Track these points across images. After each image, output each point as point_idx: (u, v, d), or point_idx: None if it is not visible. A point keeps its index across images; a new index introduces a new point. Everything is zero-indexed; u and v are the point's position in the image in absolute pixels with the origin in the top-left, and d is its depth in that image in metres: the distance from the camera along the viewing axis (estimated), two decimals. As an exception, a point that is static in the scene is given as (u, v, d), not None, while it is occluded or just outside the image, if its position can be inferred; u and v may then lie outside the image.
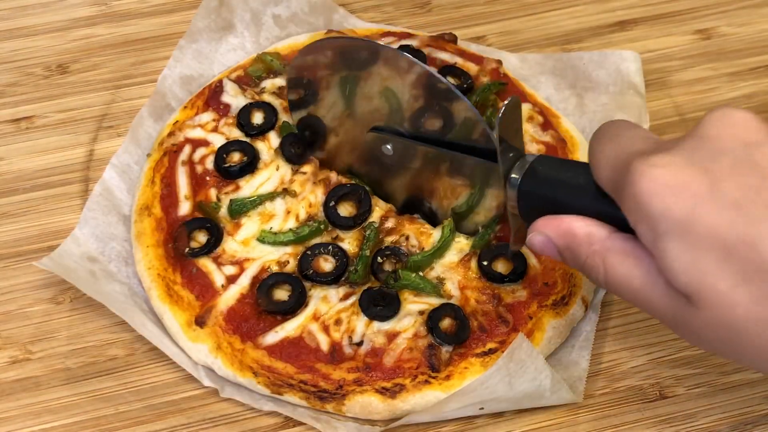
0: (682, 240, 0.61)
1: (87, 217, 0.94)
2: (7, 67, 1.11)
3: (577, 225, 0.70)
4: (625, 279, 0.67)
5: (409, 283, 0.87)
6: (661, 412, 0.84)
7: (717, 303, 0.61)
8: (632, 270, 0.67)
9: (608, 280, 0.69)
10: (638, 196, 0.63)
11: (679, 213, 0.61)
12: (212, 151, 0.96)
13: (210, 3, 1.10)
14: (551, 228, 0.72)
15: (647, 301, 0.66)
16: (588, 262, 0.70)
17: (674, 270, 0.62)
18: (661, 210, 0.61)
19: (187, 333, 0.86)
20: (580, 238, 0.70)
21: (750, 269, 0.59)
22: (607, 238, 0.68)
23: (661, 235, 0.62)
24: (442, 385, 0.82)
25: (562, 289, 0.89)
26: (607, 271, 0.68)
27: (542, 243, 0.73)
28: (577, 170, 0.74)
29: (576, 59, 1.08)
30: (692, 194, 0.61)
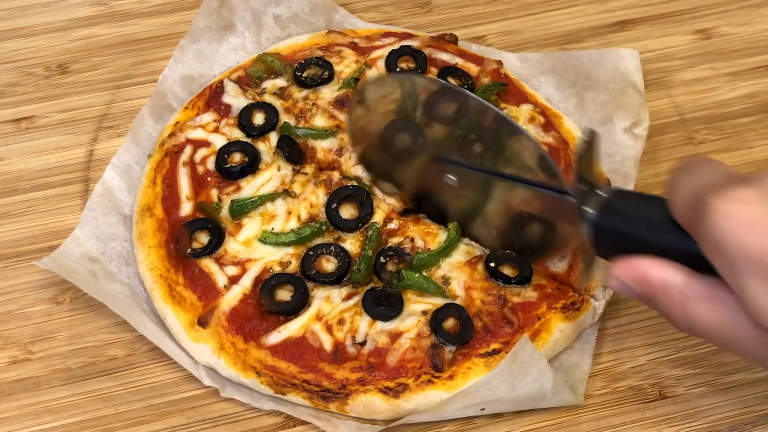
0: (762, 277, 0.60)
1: (87, 217, 0.94)
2: (7, 67, 1.11)
3: (652, 272, 0.68)
4: (712, 325, 0.66)
5: (412, 283, 0.87)
6: (661, 412, 0.84)
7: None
8: (717, 314, 0.65)
9: (693, 327, 0.67)
10: (715, 234, 0.62)
11: (757, 250, 0.60)
12: (213, 152, 0.96)
13: (211, 3, 1.10)
14: (627, 274, 0.70)
15: (737, 344, 0.65)
16: (670, 311, 0.68)
17: (758, 308, 0.61)
18: (738, 247, 0.61)
19: (190, 333, 0.86)
20: (656, 287, 0.68)
21: None
22: (686, 286, 0.67)
23: (741, 273, 0.61)
24: (445, 385, 0.82)
25: (574, 294, 0.89)
26: (691, 319, 0.67)
27: (622, 288, 0.71)
28: (654, 205, 0.72)
29: (576, 58, 1.08)
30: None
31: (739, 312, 0.64)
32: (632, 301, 0.91)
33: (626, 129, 1.03)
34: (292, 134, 0.97)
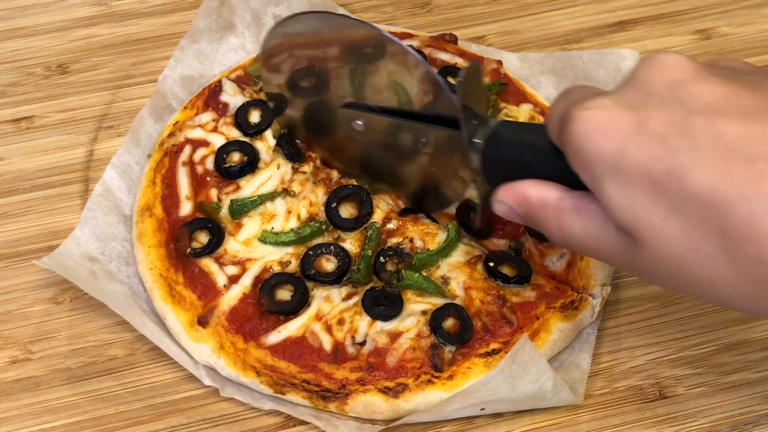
0: (616, 179, 0.62)
1: (87, 217, 0.94)
2: (7, 67, 1.11)
3: (530, 191, 0.71)
4: (580, 234, 0.68)
5: (412, 283, 0.87)
6: (661, 412, 0.84)
7: (655, 238, 0.62)
8: (585, 223, 0.68)
9: (567, 239, 0.70)
10: (574, 140, 0.64)
11: (609, 152, 0.62)
12: (212, 152, 0.96)
13: (211, 3, 1.10)
14: (509, 196, 0.73)
15: (603, 249, 0.67)
16: (546, 226, 0.71)
17: (614, 210, 0.64)
18: (593, 151, 0.63)
19: (190, 333, 0.86)
20: (534, 203, 0.71)
21: (678, 200, 0.60)
22: (559, 200, 0.69)
23: (598, 177, 0.63)
24: (445, 385, 0.82)
25: (572, 293, 0.89)
26: (563, 230, 0.69)
27: (505, 212, 0.74)
28: (536, 131, 0.74)
29: (576, 58, 1.08)
30: (621, 133, 0.62)
31: (603, 219, 0.66)
32: (632, 301, 0.92)
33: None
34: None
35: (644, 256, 0.64)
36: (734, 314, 0.90)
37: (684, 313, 0.91)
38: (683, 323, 0.90)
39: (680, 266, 0.62)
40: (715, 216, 0.59)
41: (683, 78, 0.63)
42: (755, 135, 0.59)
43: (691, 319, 0.90)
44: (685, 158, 0.59)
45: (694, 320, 0.90)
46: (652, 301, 0.92)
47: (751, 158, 0.58)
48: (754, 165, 0.58)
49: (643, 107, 0.62)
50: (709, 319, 0.90)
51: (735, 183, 0.58)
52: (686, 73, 0.63)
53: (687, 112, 0.61)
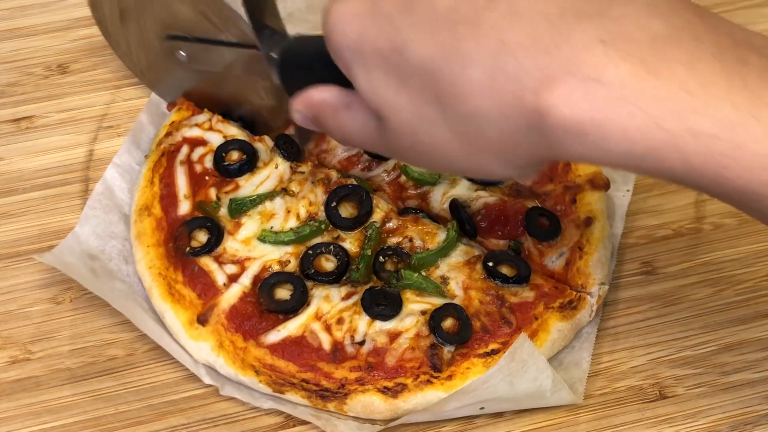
0: (360, 63, 0.65)
1: (88, 215, 0.94)
2: (7, 67, 1.11)
3: (314, 95, 0.73)
4: (351, 126, 0.71)
5: (411, 282, 0.87)
6: (661, 412, 0.84)
7: (392, 112, 0.65)
8: (352, 116, 0.70)
9: (343, 135, 0.72)
10: (327, 36, 0.67)
11: (352, 39, 0.65)
12: (210, 150, 0.96)
13: None
14: (299, 103, 0.75)
15: (366, 137, 0.70)
16: (328, 125, 0.73)
17: (363, 93, 0.66)
18: (341, 40, 0.66)
19: (189, 331, 0.86)
20: (318, 105, 0.73)
21: (403, 73, 0.63)
22: (335, 98, 0.71)
23: (349, 65, 0.66)
24: (444, 385, 0.82)
25: (571, 293, 0.89)
26: (340, 126, 0.72)
27: (301, 119, 0.76)
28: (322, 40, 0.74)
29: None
30: (360, 19, 0.64)
31: (363, 108, 0.69)
32: (632, 301, 0.92)
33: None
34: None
35: (388, 133, 0.67)
36: (734, 314, 0.90)
37: (684, 313, 0.91)
38: (683, 323, 0.90)
39: (414, 136, 0.65)
40: (430, 82, 0.62)
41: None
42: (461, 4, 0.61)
43: (691, 319, 0.90)
44: (405, 33, 0.62)
45: (694, 320, 0.90)
46: (652, 301, 0.92)
47: (454, 23, 0.61)
48: (456, 29, 0.60)
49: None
50: (709, 319, 0.90)
51: (442, 49, 0.61)
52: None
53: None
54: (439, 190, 0.96)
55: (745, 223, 0.97)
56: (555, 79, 0.57)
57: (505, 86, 0.59)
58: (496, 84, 0.59)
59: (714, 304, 0.91)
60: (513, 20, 0.59)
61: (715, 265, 0.94)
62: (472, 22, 0.60)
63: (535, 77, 0.58)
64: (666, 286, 0.92)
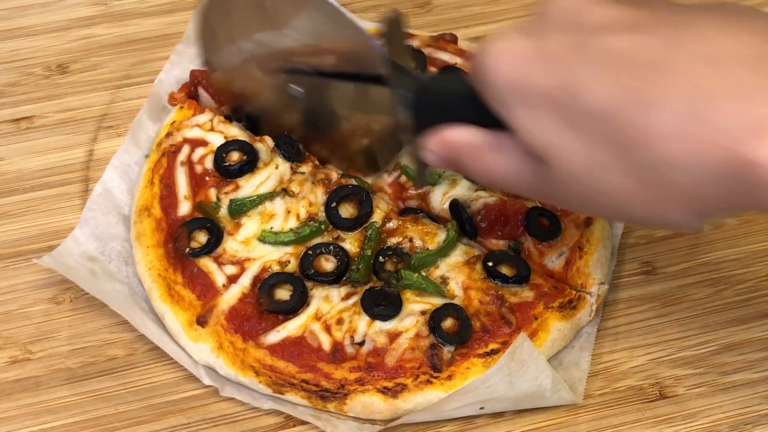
0: (522, 104, 0.64)
1: (87, 217, 0.94)
2: (7, 67, 1.11)
3: (452, 135, 0.72)
4: (501, 170, 0.69)
5: (411, 283, 0.87)
6: (661, 412, 0.84)
7: (560, 156, 0.63)
8: (504, 158, 0.69)
9: (490, 178, 0.71)
10: (485, 76, 0.65)
11: (515, 79, 0.64)
12: (211, 151, 0.96)
13: None
14: (434, 143, 0.73)
15: (521, 181, 0.69)
16: (471, 167, 0.72)
17: (523, 135, 0.65)
18: (500, 80, 0.64)
19: (189, 332, 0.86)
20: (458, 147, 0.72)
21: (576, 116, 0.61)
22: (479, 139, 0.70)
23: (508, 105, 0.65)
24: (444, 385, 0.82)
25: (570, 292, 0.89)
26: (486, 169, 0.70)
27: (435, 160, 0.74)
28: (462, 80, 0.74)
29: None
30: (524, 59, 0.63)
31: (518, 151, 0.67)
32: (632, 301, 0.92)
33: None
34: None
35: (553, 177, 0.65)
36: (734, 314, 0.90)
37: (684, 313, 0.91)
38: (683, 323, 0.90)
39: (585, 182, 0.64)
40: (610, 127, 0.60)
41: (579, 5, 0.65)
42: (640, 45, 0.60)
43: (691, 319, 0.90)
44: (579, 74, 0.61)
45: (694, 320, 0.90)
46: (652, 301, 0.92)
47: (636, 67, 0.59)
48: (640, 73, 0.59)
49: (543, 33, 0.64)
50: (709, 319, 0.90)
51: (624, 92, 0.59)
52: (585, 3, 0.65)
53: (581, 33, 0.63)
54: (440, 190, 0.96)
55: (745, 223, 0.97)
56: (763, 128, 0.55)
57: (702, 134, 0.57)
58: (690, 131, 0.57)
59: (714, 304, 0.91)
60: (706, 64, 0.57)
61: (715, 265, 0.94)
62: (658, 65, 0.58)
63: (739, 125, 0.56)
64: (666, 286, 0.92)
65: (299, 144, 0.96)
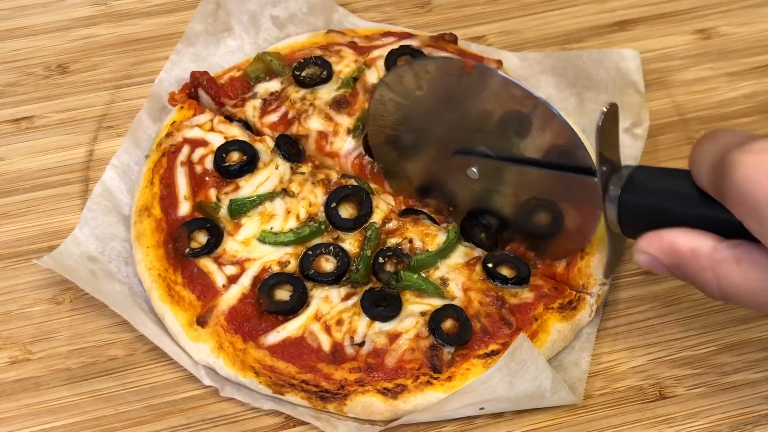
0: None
1: (87, 217, 0.94)
2: (7, 67, 1.12)
3: (680, 241, 0.68)
4: (742, 285, 0.65)
5: (411, 283, 0.87)
6: (661, 412, 0.84)
7: None
8: (748, 274, 0.65)
9: (725, 291, 0.67)
10: (739, 187, 0.61)
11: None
12: (211, 151, 0.96)
13: (206, 6, 1.10)
14: (654, 247, 0.70)
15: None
16: (699, 278, 0.68)
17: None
18: (763, 196, 0.60)
19: (189, 333, 0.87)
20: (685, 255, 0.68)
21: None
22: (715, 250, 0.67)
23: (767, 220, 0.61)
24: (444, 386, 0.82)
25: (570, 293, 0.89)
26: (721, 283, 0.66)
27: (649, 263, 0.71)
28: (678, 177, 0.71)
29: (576, 58, 1.08)
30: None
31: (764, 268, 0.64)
32: (632, 301, 0.92)
33: (626, 129, 1.03)
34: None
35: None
36: (734, 314, 0.90)
37: (684, 313, 0.91)
38: (683, 323, 0.90)
39: None
40: None
41: None
42: None
43: (691, 319, 0.90)
44: None
45: (694, 320, 0.90)
46: (652, 301, 0.92)
47: None
48: None
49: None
50: (709, 319, 0.90)
51: None
52: None
53: None
54: None
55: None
56: None
57: None
58: None
59: (714, 304, 0.91)
60: None
61: (715, 266, 0.94)
62: None
63: None
64: (666, 286, 0.92)
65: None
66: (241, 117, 1.01)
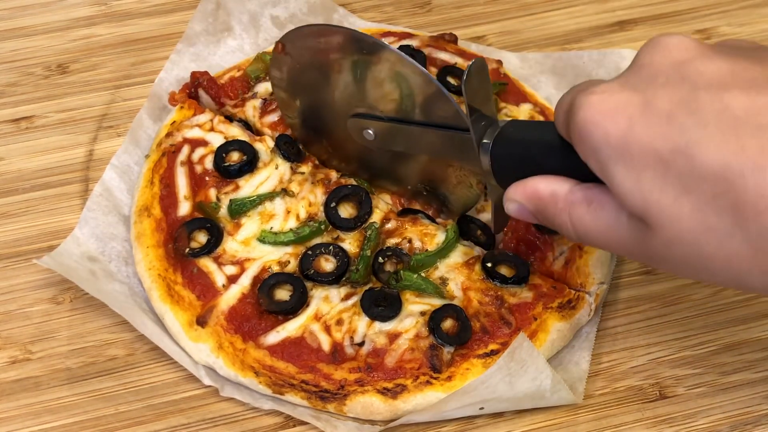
0: (623, 162, 0.61)
1: (87, 217, 0.94)
2: (7, 67, 1.11)
3: (540, 186, 0.70)
4: (592, 225, 0.67)
5: (410, 283, 0.87)
6: (661, 412, 0.84)
7: (665, 219, 0.61)
8: (596, 214, 0.67)
9: (578, 232, 0.69)
10: (579, 127, 0.63)
11: (616, 135, 0.61)
12: (211, 151, 0.96)
13: (207, 6, 1.10)
14: (519, 193, 0.72)
15: (615, 239, 0.66)
16: (557, 220, 0.70)
17: (623, 195, 0.62)
18: (600, 135, 0.62)
19: (189, 333, 0.86)
20: (545, 198, 0.70)
21: (687, 178, 0.59)
22: (569, 192, 0.69)
23: (606, 162, 0.62)
24: (443, 386, 0.82)
25: (569, 292, 0.89)
26: (574, 223, 0.69)
27: (517, 210, 0.73)
28: (545, 128, 0.73)
29: (576, 58, 1.08)
30: (627, 115, 0.61)
31: (613, 208, 0.65)
32: (632, 301, 0.92)
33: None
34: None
35: (656, 240, 0.63)
36: (734, 314, 0.90)
37: (684, 313, 0.91)
38: (683, 323, 0.90)
39: (694, 247, 0.61)
40: (726, 191, 0.58)
41: (687, 57, 0.63)
42: (763, 106, 0.58)
43: (691, 319, 0.90)
44: (693, 134, 0.59)
45: (694, 320, 0.90)
46: (652, 301, 0.92)
47: (760, 129, 0.57)
48: (764, 135, 0.57)
49: (648, 88, 0.62)
50: (709, 319, 0.90)
51: (745, 155, 0.57)
52: (689, 52, 0.63)
53: (693, 89, 0.60)
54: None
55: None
56: None
57: None
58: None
59: (714, 304, 0.91)
60: None
61: (715, 265, 0.94)
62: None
63: None
64: (666, 286, 0.93)
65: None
66: (241, 117, 1.01)
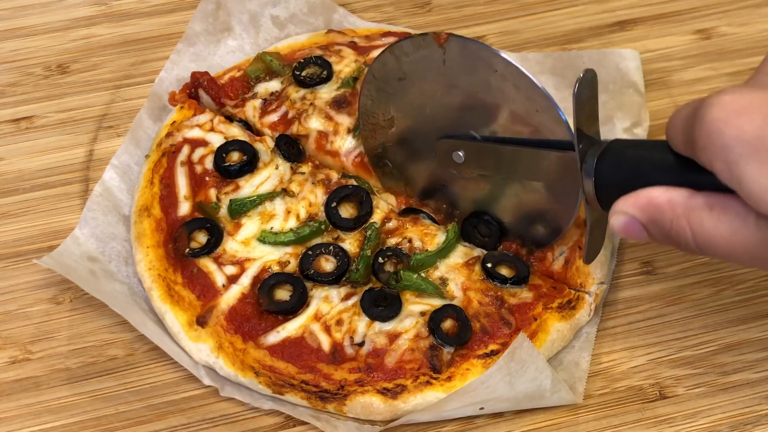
0: (758, 159, 0.60)
1: (87, 217, 0.94)
2: (7, 67, 1.12)
3: (655, 194, 0.68)
4: (714, 231, 0.65)
5: (410, 283, 0.87)
6: (661, 412, 0.84)
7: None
8: (719, 219, 0.65)
9: (698, 240, 0.67)
10: (710, 129, 0.62)
11: (750, 132, 0.60)
12: (211, 151, 0.97)
13: (207, 6, 1.10)
14: (630, 205, 0.70)
15: (741, 246, 0.64)
16: (674, 228, 0.68)
17: (755, 194, 0.61)
18: (732, 134, 0.61)
19: (189, 333, 0.87)
20: (662, 206, 0.68)
21: None
22: (689, 197, 0.67)
23: (736, 161, 0.61)
24: (443, 386, 0.82)
25: (569, 292, 0.89)
26: (694, 230, 0.67)
27: (625, 224, 0.71)
28: (653, 146, 0.72)
29: (576, 58, 1.08)
30: (763, 113, 0.60)
31: (740, 212, 0.64)
32: (632, 301, 0.92)
33: (626, 129, 1.03)
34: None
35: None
36: (734, 314, 0.90)
37: (684, 313, 0.91)
38: (683, 323, 0.90)
39: None
40: None
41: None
42: None
43: (691, 319, 0.90)
44: None
45: (694, 320, 0.90)
46: (652, 301, 0.92)
47: None
48: None
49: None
50: (709, 319, 0.90)
51: None
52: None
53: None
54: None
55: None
56: None
57: None
58: None
59: (714, 304, 0.91)
60: None
61: (715, 265, 0.94)
62: None
63: None
64: (666, 286, 0.93)
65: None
66: (241, 117, 1.01)
